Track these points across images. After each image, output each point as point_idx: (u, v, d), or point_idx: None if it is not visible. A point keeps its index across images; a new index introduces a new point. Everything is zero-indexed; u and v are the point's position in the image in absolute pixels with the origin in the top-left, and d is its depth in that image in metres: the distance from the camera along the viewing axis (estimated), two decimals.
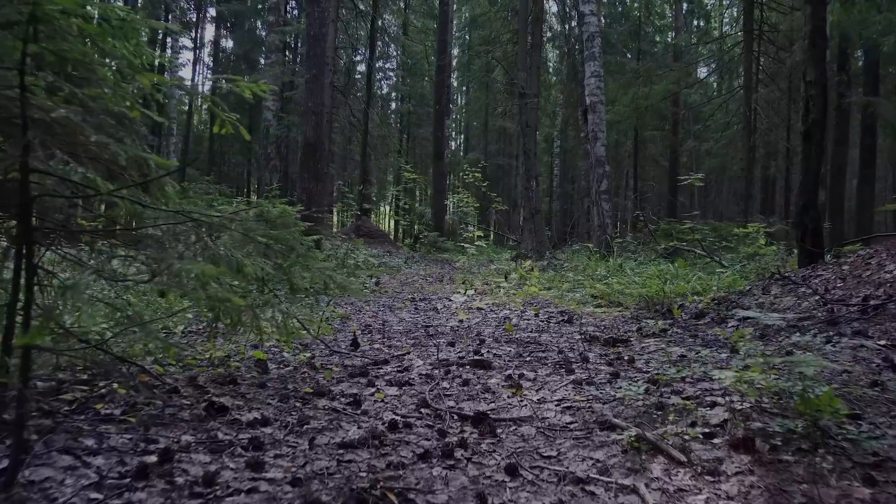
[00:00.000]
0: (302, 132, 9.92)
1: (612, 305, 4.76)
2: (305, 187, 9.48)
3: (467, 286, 7.11)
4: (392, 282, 8.25)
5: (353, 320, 4.96)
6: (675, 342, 3.43)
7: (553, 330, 4.03)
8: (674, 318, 4.13)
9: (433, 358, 3.21)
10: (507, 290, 5.48)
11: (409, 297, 6.54)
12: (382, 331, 4.38)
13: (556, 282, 6.92)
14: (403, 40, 21.62)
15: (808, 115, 5.16)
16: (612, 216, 10.01)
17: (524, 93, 12.13)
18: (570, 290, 5.84)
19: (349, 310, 5.57)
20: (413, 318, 5.02)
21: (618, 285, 4.81)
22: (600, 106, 9.94)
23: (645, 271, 6.82)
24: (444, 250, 16.45)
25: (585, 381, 2.61)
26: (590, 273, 7.45)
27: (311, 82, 9.54)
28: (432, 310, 5.44)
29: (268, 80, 11.35)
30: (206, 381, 2.58)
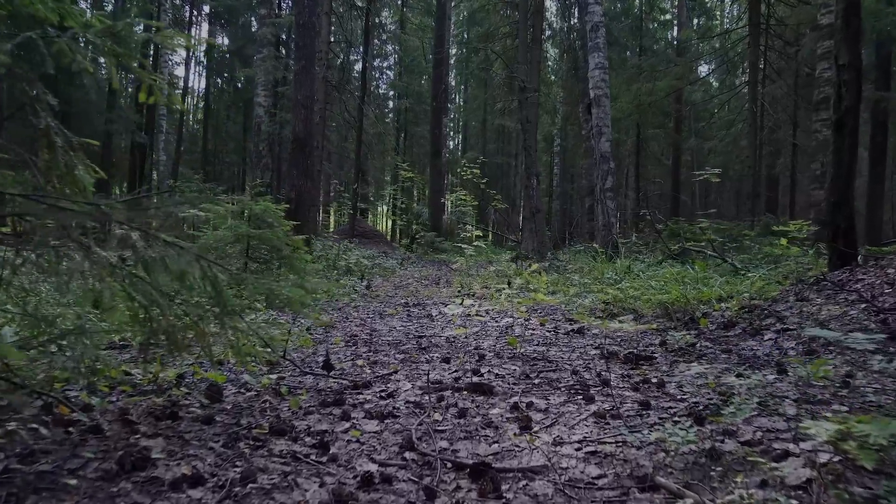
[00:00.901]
0: (291, 127, 9.42)
1: (626, 313, 4.27)
2: (294, 185, 8.97)
3: (465, 290, 6.62)
4: (385, 284, 7.75)
5: (339, 329, 4.47)
6: (706, 358, 2.94)
7: (563, 343, 3.54)
8: (699, 328, 3.64)
9: (424, 378, 2.72)
10: (508, 296, 5.01)
11: (401, 302, 6.05)
12: (369, 342, 3.89)
13: (561, 285, 6.43)
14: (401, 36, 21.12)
15: (841, 103, 4.67)
16: (616, 215, 9.52)
17: (525, 87, 11.65)
18: (577, 296, 5.35)
19: (336, 317, 5.07)
20: (405, 326, 4.52)
21: (633, 291, 4.32)
22: (605, 99, 9.46)
23: (657, 274, 6.34)
24: (441, 251, 15.96)
25: (610, 412, 2.12)
26: (596, 276, 6.96)
27: (300, 74, 9.04)
28: (426, 317, 4.95)
29: (259, 75, 10.86)
30: (140, 415, 2.08)
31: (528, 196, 12.10)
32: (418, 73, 29.69)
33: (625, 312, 4.29)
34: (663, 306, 3.98)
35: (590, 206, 20.84)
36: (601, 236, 9.36)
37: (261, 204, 6.30)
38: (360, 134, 13.71)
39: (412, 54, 29.70)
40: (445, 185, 25.16)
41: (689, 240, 9.68)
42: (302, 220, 8.92)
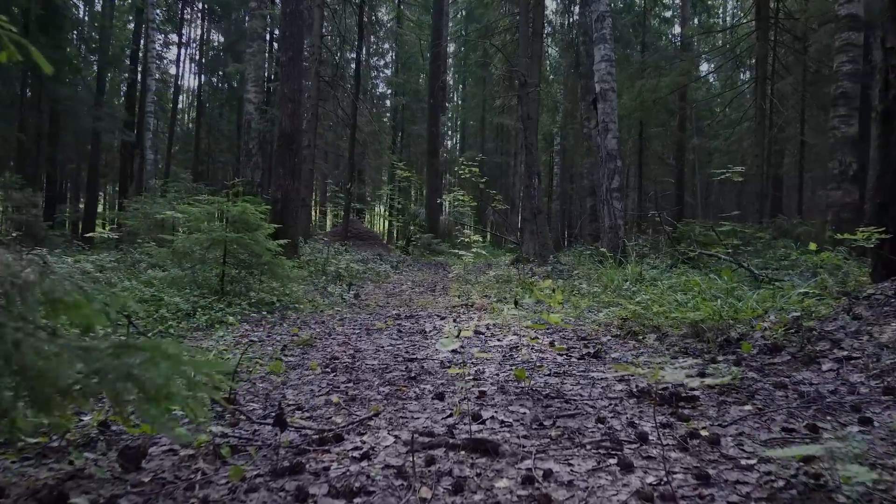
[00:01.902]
0: (277, 122, 8.85)
1: (647, 331, 3.72)
2: (281, 185, 8.41)
3: (463, 299, 6.06)
4: (377, 292, 7.19)
5: (318, 349, 3.91)
6: (759, 396, 2.39)
7: (579, 372, 2.98)
8: (738, 353, 3.09)
9: (412, 426, 2.17)
10: (517, 317, 4.48)
11: (393, 313, 5.49)
12: (351, 367, 3.33)
13: (569, 294, 5.87)
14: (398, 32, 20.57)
15: (889, 91, 4.12)
16: (624, 217, 8.98)
17: (525, 81, 11.10)
18: (588, 307, 4.80)
19: (317, 332, 4.51)
20: (394, 345, 3.96)
21: (657, 306, 3.76)
22: (611, 94, 8.91)
23: (675, 283, 5.80)
24: (438, 253, 15.42)
25: (657, 490, 1.57)
26: (605, 283, 6.41)
27: (288, 66, 8.47)
28: (419, 333, 4.39)
29: (250, 70, 10.27)
30: (18, 499, 1.52)
31: (528, 196, 11.56)
32: (416, 70, 29.14)
33: (646, 330, 3.74)
34: (692, 325, 3.42)
35: (591, 207, 20.29)
36: (607, 239, 8.81)
37: (238, 205, 5.74)
38: (354, 132, 13.15)
39: (409, 52, 29.16)
40: (443, 185, 24.63)
41: (701, 243, 9.15)
42: (288, 222, 8.36)
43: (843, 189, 9.33)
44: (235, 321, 4.71)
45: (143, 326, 4.22)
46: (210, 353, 3.51)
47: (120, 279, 5.96)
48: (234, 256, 5.98)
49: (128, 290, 5.27)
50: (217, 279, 5.84)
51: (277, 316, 5.27)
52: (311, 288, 7.03)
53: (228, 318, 4.72)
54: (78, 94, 18.42)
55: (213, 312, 4.80)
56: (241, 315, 5.06)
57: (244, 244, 5.59)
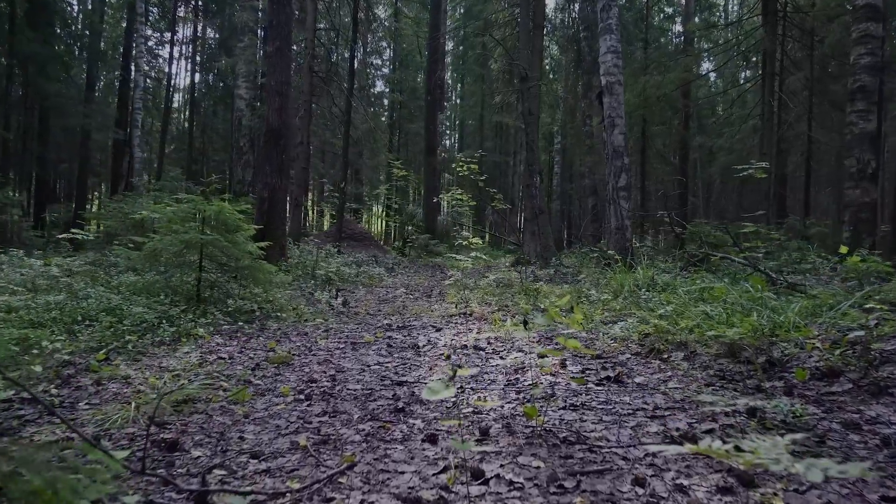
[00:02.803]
0: (264, 117, 8.35)
1: (672, 348, 3.24)
2: (267, 183, 7.91)
3: (461, 307, 5.57)
4: (368, 298, 6.69)
5: (295, 368, 3.42)
6: (833, 444, 1.91)
7: (599, 403, 2.49)
8: (787, 379, 2.61)
9: (393, 487, 1.68)
10: (528, 340, 4.00)
11: (383, 323, 4.99)
12: (329, 394, 2.84)
13: (576, 302, 5.38)
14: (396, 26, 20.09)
15: None
16: (631, 217, 8.50)
17: (526, 76, 10.61)
18: (601, 318, 4.31)
19: (298, 346, 4.02)
20: (382, 364, 3.47)
21: (684, 321, 3.27)
22: (618, 87, 8.42)
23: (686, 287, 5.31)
24: (435, 254, 14.92)
25: None
26: (615, 288, 5.92)
27: (274, 56, 7.98)
28: (411, 348, 3.89)
29: (241, 65, 9.73)
30: None
31: (529, 195, 11.07)
32: (414, 68, 28.64)
33: (671, 347, 3.25)
34: (727, 343, 2.93)
35: (593, 207, 19.82)
36: (614, 240, 8.33)
37: (214, 205, 5.24)
38: (348, 128, 12.65)
39: (407, 49, 28.67)
40: (441, 185, 24.14)
41: (712, 245, 8.68)
42: (276, 223, 7.87)
43: (862, 188, 8.86)
44: (206, 333, 4.21)
45: (98, 341, 3.72)
46: (163, 378, 3.01)
47: (88, 285, 5.46)
48: (212, 260, 5.49)
49: (91, 298, 4.78)
50: (193, 285, 5.34)
51: (256, 326, 4.77)
52: (298, 293, 6.53)
53: (198, 331, 4.22)
54: (67, 91, 17.91)
55: (181, 324, 4.30)
56: (214, 326, 4.57)
57: (221, 247, 5.09)
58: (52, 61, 16.80)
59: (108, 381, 3.04)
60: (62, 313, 4.31)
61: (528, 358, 3.40)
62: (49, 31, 17.15)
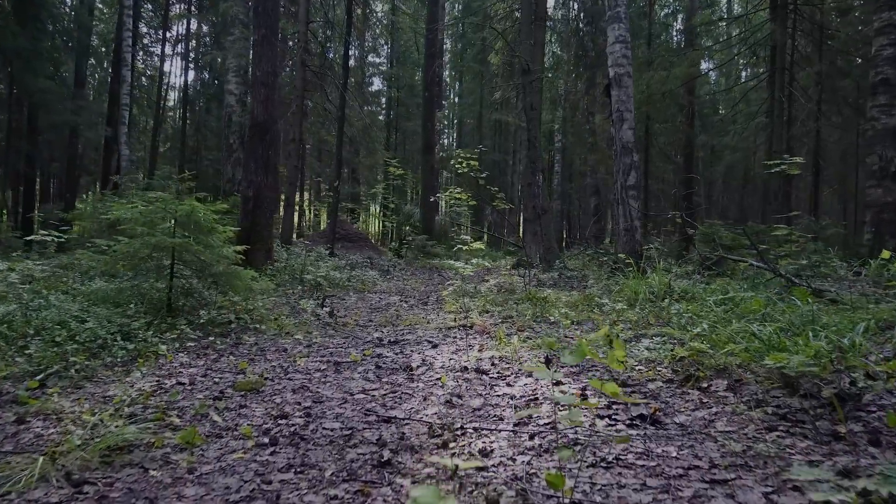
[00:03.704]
0: (243, 107, 7.81)
1: (712, 375, 2.72)
2: (252, 181, 7.38)
3: (460, 317, 5.05)
4: (359, 305, 6.16)
5: (265, 398, 2.89)
6: None
7: (638, 458, 1.97)
8: (862, 417, 2.09)
9: None
10: (523, 336, 3.50)
11: (374, 336, 4.47)
12: (300, 435, 2.32)
13: (588, 313, 4.88)
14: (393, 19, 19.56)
15: None
16: (640, 218, 7.99)
17: (528, 69, 10.09)
18: (619, 332, 3.79)
19: (272, 367, 3.49)
20: (367, 391, 2.95)
21: (729, 343, 2.75)
22: (627, 79, 7.91)
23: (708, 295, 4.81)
24: (433, 255, 14.40)
25: None
26: (628, 296, 5.41)
27: (260, 45, 7.45)
28: (404, 370, 3.37)
29: (230, 59, 9.16)
30: None
31: (530, 195, 10.55)
32: (411, 64, 28.10)
33: (710, 374, 2.74)
34: (782, 372, 2.42)
35: (595, 206, 19.33)
36: (622, 242, 7.82)
37: (185, 204, 4.71)
38: (342, 124, 12.12)
39: (405, 46, 28.15)
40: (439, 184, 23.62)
41: (727, 247, 8.18)
42: (261, 224, 7.34)
43: (884, 187, 8.37)
44: (169, 352, 3.68)
45: (38, 363, 3.20)
46: (102, 414, 2.48)
47: (50, 292, 4.93)
48: (187, 266, 4.97)
49: (48, 308, 4.25)
50: (165, 293, 4.82)
51: (231, 341, 4.25)
52: (284, 300, 6.00)
53: (160, 348, 3.69)
54: (54, 88, 17.35)
55: (141, 340, 3.78)
56: (182, 341, 4.04)
57: (193, 251, 4.57)
58: (38, 57, 16.25)
59: (33, 418, 2.52)
60: (9, 327, 3.78)
61: (539, 386, 2.88)
62: (37, 25, 16.61)
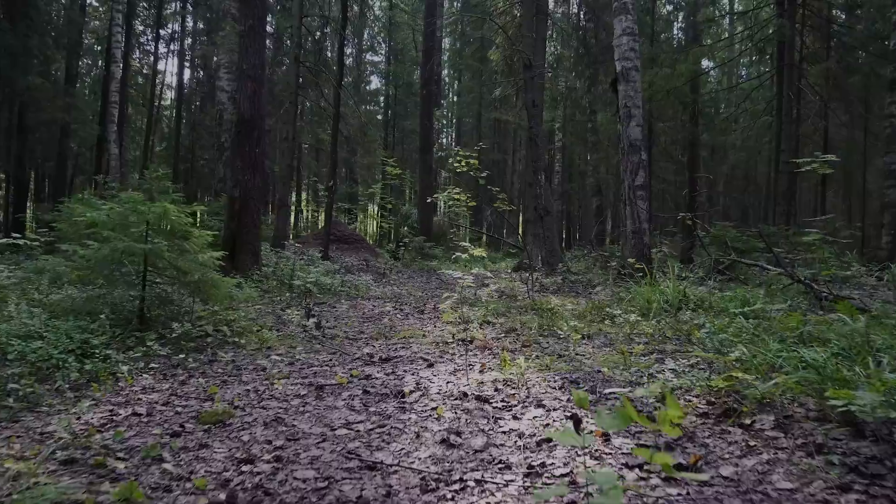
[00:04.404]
0: (235, 104, 7.39)
1: (755, 408, 2.31)
2: (239, 180, 6.96)
3: (459, 328, 4.63)
4: (350, 314, 5.74)
5: (232, 432, 2.48)
6: None
7: None
8: None
9: None
10: (530, 353, 3.11)
11: (364, 352, 4.05)
12: (265, 489, 1.91)
13: (598, 324, 4.47)
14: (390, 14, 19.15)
15: None
16: (649, 219, 7.60)
17: (530, 64, 9.69)
18: (641, 352, 3.38)
19: (245, 391, 3.08)
20: (351, 426, 2.53)
21: (782, 376, 2.33)
22: (634, 73, 7.50)
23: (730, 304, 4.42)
24: (430, 257, 13.99)
25: None
26: (640, 305, 5.01)
27: (247, 36, 7.03)
28: (394, 396, 2.95)
29: (222, 55, 8.72)
30: None
31: (533, 195, 10.15)
32: (409, 62, 27.69)
33: (752, 407, 2.33)
34: (844, 413, 2.01)
35: (597, 207, 18.94)
36: (630, 245, 7.42)
37: (157, 206, 4.29)
38: (337, 121, 11.70)
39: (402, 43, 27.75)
40: (437, 184, 23.23)
41: (739, 250, 7.79)
42: (248, 226, 6.93)
43: None
44: (129, 375, 3.26)
45: None
46: (28, 460, 2.06)
47: (10, 301, 4.51)
48: (162, 273, 4.55)
49: (7, 320, 3.84)
50: (137, 303, 4.41)
51: (205, 358, 3.83)
52: (269, 310, 5.58)
53: (121, 369, 3.27)
54: (44, 85, 16.92)
55: (101, 359, 3.36)
56: (150, 358, 3.63)
57: (165, 257, 4.15)
58: (27, 54, 15.85)
59: None
60: None
61: (552, 418, 2.47)
62: (27, 22, 16.20)
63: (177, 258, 4.24)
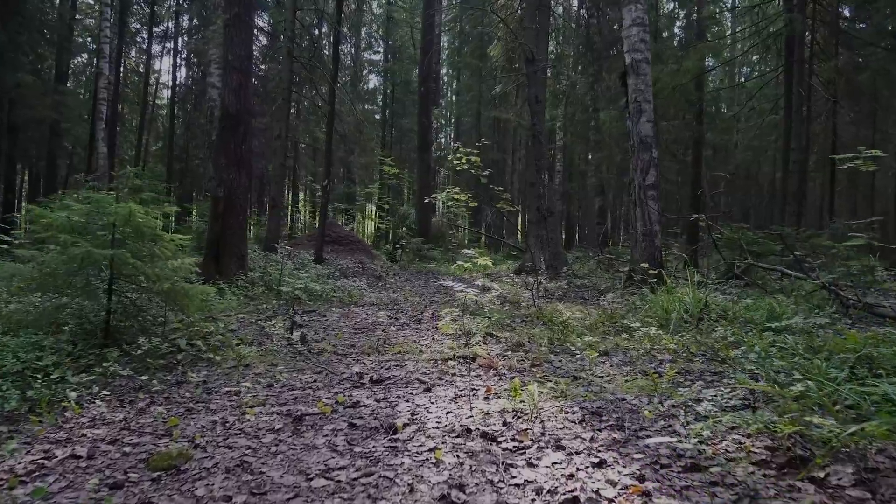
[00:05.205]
0: (220, 98, 6.94)
1: (831, 460, 1.87)
2: (223, 179, 6.51)
3: (459, 341, 4.19)
4: (341, 324, 5.29)
5: (185, 482, 2.03)
6: None
7: None
8: None
9: None
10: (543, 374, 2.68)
11: (353, 371, 3.60)
12: None
13: (615, 340, 4.03)
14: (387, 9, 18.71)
15: None
16: (660, 220, 7.16)
17: (533, 58, 9.25)
18: (672, 378, 2.95)
19: (211, 422, 2.64)
20: (331, 472, 2.09)
21: (871, 425, 1.88)
22: (645, 66, 7.07)
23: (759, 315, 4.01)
24: (429, 259, 13.55)
25: None
26: (659, 315, 4.58)
27: (233, 26, 6.58)
28: (385, 431, 2.51)
29: (212, 50, 8.22)
30: None
31: (535, 195, 9.71)
32: (407, 60, 27.24)
33: (823, 456, 1.88)
34: None
35: (599, 208, 18.52)
36: (641, 247, 6.98)
37: (122, 206, 3.85)
38: (332, 119, 11.25)
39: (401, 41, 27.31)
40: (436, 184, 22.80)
41: (756, 254, 7.36)
42: (233, 228, 6.48)
43: None
44: (79, 401, 2.82)
45: None
46: None
47: None
48: (130, 281, 4.11)
49: None
50: (102, 314, 3.97)
51: (173, 379, 3.39)
52: (253, 319, 5.13)
53: (69, 395, 2.83)
54: (33, 83, 16.45)
55: (43, 385, 2.92)
56: (108, 380, 3.18)
57: (130, 264, 3.70)
58: (16, 50, 15.39)
59: None
60: None
61: (575, 464, 2.03)
62: (18, 19, 15.75)
63: (145, 265, 3.79)
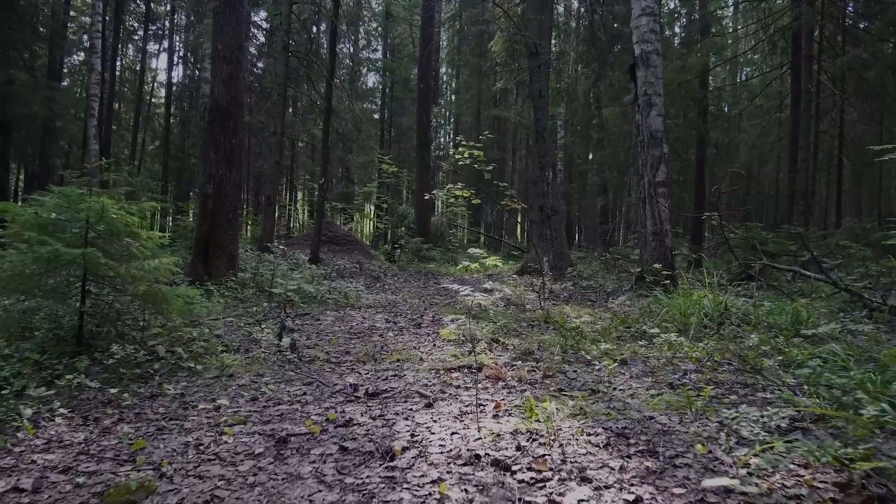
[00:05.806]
0: (210, 90, 6.60)
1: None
2: (213, 175, 6.19)
3: (463, 348, 3.87)
4: (335, 329, 4.97)
5: None
6: None
7: None
8: None
9: None
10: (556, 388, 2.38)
11: (347, 383, 3.28)
12: None
13: (631, 347, 3.72)
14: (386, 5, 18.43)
15: None
16: (670, 220, 6.84)
17: (537, 51, 8.94)
18: (711, 395, 2.63)
19: (182, 445, 2.31)
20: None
21: None
22: (655, 57, 6.76)
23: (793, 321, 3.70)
24: (428, 259, 13.23)
25: None
26: (677, 320, 4.26)
27: (222, 14, 6.25)
28: (381, 458, 2.18)
29: (207, 43, 7.83)
30: None
31: (539, 193, 9.39)
32: (407, 58, 26.93)
33: None
34: None
35: (602, 207, 18.22)
36: (651, 247, 6.67)
37: (94, 201, 3.53)
38: (328, 115, 10.92)
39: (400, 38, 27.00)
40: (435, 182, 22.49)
41: (771, 254, 7.06)
42: (222, 226, 6.15)
43: None
44: (34, 420, 2.49)
45: None
46: None
47: None
48: (105, 283, 3.79)
49: None
50: (75, 318, 3.65)
51: (147, 391, 3.06)
52: (241, 323, 4.81)
53: (24, 413, 2.51)
54: (25, 79, 16.10)
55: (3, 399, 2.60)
56: (73, 394, 2.86)
57: (102, 264, 3.38)
58: (6, 46, 15.08)
59: None
60: None
61: (605, 501, 1.71)
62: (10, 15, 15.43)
63: (119, 265, 3.47)
